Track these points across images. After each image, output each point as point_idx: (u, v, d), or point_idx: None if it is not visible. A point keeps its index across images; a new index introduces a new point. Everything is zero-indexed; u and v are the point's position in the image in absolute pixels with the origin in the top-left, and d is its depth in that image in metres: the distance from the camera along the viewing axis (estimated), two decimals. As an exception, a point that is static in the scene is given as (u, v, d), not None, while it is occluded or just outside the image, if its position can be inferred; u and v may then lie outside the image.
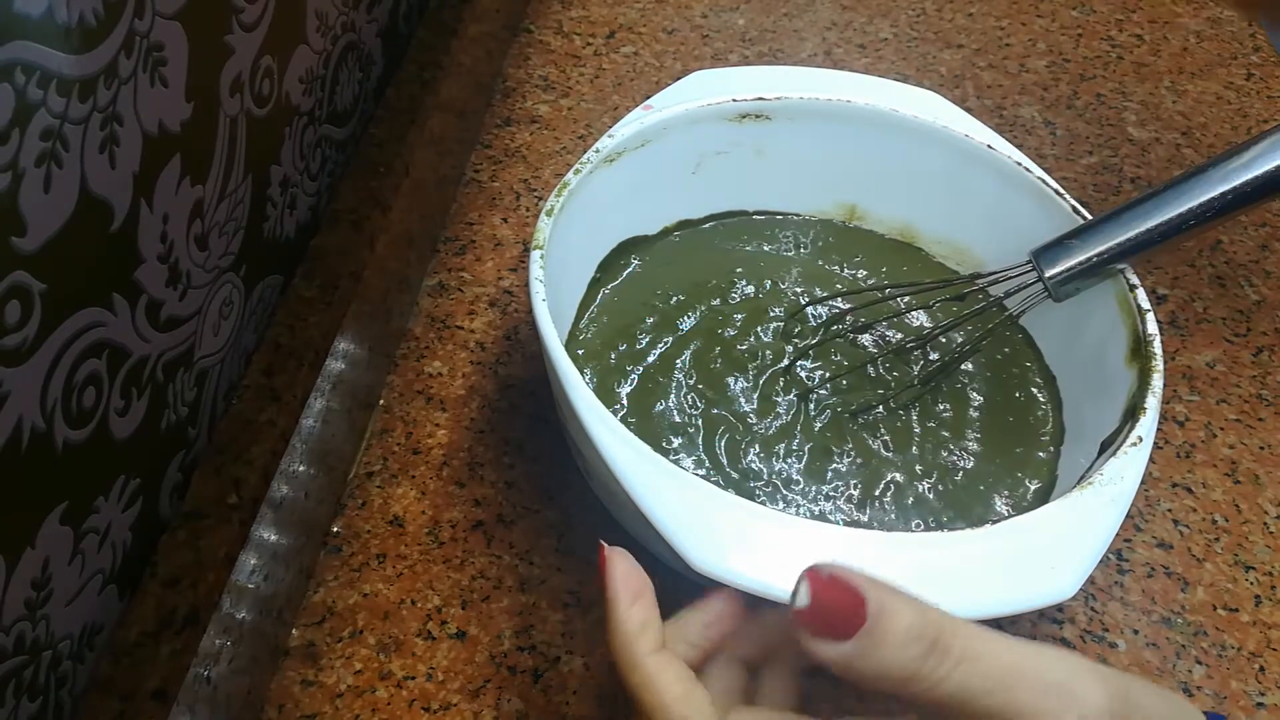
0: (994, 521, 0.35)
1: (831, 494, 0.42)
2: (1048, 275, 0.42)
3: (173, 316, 0.36)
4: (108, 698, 0.32)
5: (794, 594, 0.28)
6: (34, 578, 0.30)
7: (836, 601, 0.28)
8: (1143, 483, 0.49)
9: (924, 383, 0.45)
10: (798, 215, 0.53)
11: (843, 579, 0.28)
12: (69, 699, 0.32)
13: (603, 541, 0.33)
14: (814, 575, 0.28)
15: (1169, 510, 0.48)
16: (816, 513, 0.41)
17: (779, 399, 0.44)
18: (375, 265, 0.46)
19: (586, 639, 0.41)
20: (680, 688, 0.31)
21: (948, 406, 0.45)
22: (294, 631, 0.41)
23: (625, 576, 0.32)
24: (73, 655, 0.32)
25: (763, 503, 0.38)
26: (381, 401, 0.49)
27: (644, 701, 0.31)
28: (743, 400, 0.44)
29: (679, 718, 0.31)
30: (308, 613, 0.42)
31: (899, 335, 0.48)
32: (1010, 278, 0.44)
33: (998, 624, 0.43)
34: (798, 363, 0.46)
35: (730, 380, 0.45)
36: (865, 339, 0.48)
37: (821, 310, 0.48)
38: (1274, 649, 0.43)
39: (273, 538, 0.38)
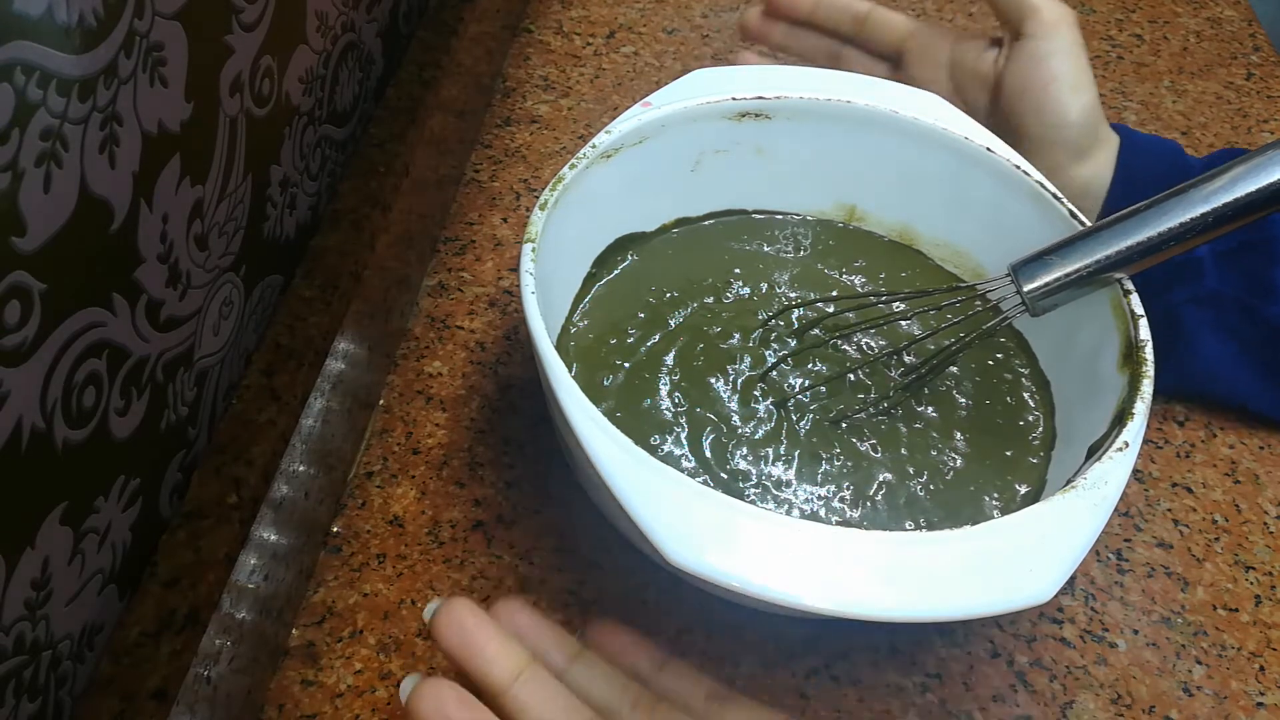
0: (975, 523, 0.34)
1: (825, 495, 0.42)
2: (1025, 290, 0.41)
3: (173, 316, 0.36)
4: (108, 698, 0.32)
5: None
6: (34, 578, 0.30)
7: None
8: (1142, 483, 0.49)
9: (906, 388, 0.45)
10: (797, 215, 0.53)
11: None
12: (69, 699, 0.32)
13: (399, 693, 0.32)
14: None
15: (1169, 510, 0.48)
16: (809, 513, 0.41)
17: (758, 405, 0.44)
18: (375, 265, 0.46)
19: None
20: (554, 711, 0.31)
21: (934, 409, 0.45)
22: (294, 631, 0.41)
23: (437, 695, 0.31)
24: (73, 655, 0.32)
25: (753, 503, 0.38)
26: (381, 401, 0.49)
27: None
28: (725, 402, 0.44)
29: None
30: (308, 613, 0.42)
31: (882, 342, 0.48)
32: (990, 290, 0.44)
33: (988, 624, 0.43)
34: (775, 369, 0.45)
35: (712, 380, 0.45)
36: (847, 346, 0.47)
37: (808, 314, 0.48)
38: (1274, 649, 0.43)
39: (273, 538, 0.38)
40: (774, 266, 0.50)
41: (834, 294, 0.49)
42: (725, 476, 0.42)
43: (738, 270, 0.50)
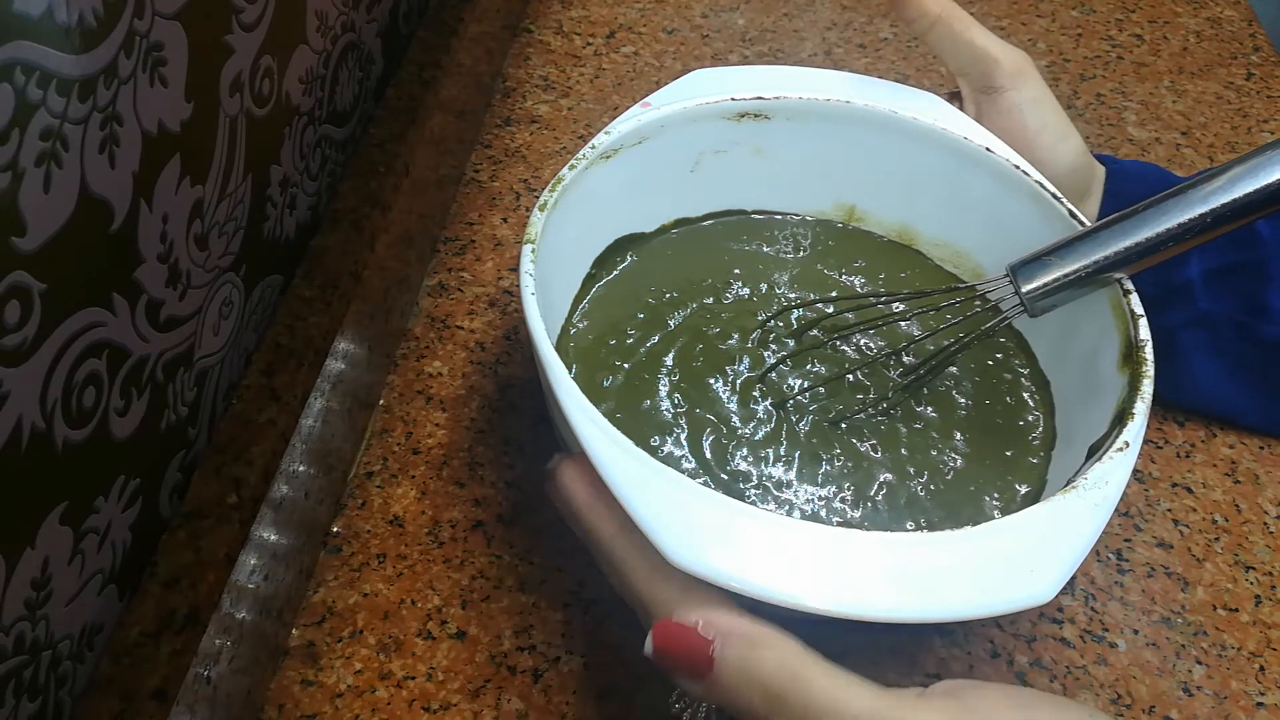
0: (976, 523, 0.34)
1: (825, 496, 0.42)
2: (1024, 290, 0.41)
3: (173, 316, 0.36)
4: (108, 698, 0.32)
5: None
6: (34, 578, 0.30)
7: (680, 652, 0.31)
8: (1142, 482, 0.49)
9: (906, 389, 0.45)
10: (797, 215, 0.53)
11: (695, 629, 0.31)
12: (69, 699, 0.32)
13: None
14: (658, 628, 0.31)
15: (1169, 510, 0.48)
16: (809, 513, 0.41)
17: (758, 406, 0.44)
18: (375, 265, 0.46)
19: (586, 639, 0.41)
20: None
21: (934, 409, 0.45)
22: (294, 631, 0.41)
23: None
24: (73, 655, 0.32)
25: (753, 503, 0.38)
26: (381, 401, 0.49)
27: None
28: (725, 403, 0.44)
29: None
30: (308, 613, 0.42)
31: (881, 343, 0.48)
32: (989, 291, 0.45)
33: (988, 624, 0.43)
34: (774, 370, 0.45)
35: (712, 381, 0.45)
36: (846, 346, 0.47)
37: (807, 315, 0.48)
38: (1274, 649, 0.43)
39: (273, 538, 0.38)
40: (773, 267, 0.50)
41: (833, 294, 0.49)
42: (725, 477, 0.42)
43: (737, 271, 0.50)
